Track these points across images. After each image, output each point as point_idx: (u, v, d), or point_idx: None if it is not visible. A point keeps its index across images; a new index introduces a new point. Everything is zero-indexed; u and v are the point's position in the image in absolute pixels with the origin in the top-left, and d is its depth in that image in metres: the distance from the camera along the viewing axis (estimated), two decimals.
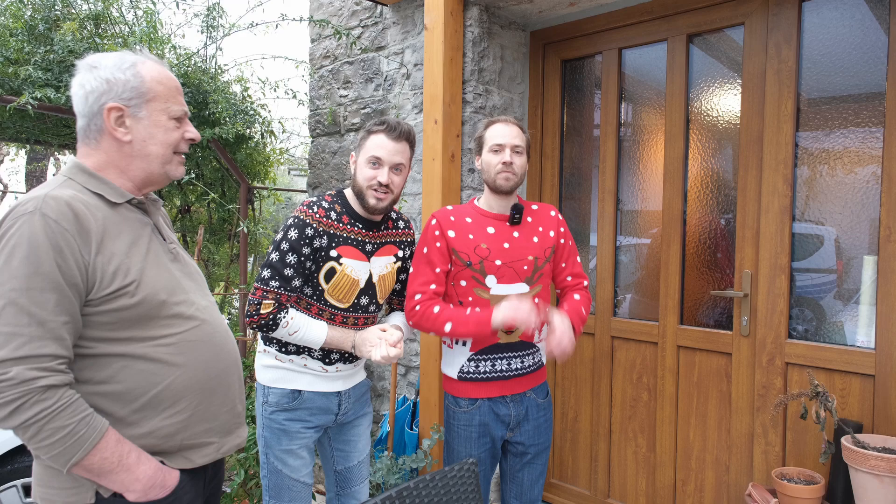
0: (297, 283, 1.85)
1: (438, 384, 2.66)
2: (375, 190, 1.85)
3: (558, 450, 3.03)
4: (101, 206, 1.26)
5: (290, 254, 1.82)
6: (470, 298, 2.00)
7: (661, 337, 2.66)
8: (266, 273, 1.84)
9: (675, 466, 2.65)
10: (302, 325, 1.85)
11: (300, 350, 1.91)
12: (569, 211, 3.02)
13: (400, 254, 2.03)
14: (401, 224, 2.06)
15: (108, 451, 1.19)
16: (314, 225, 1.83)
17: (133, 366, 1.24)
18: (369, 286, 1.94)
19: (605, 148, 2.83)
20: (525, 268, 2.01)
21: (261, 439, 1.96)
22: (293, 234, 1.83)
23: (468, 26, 2.78)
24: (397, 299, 2.13)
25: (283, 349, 1.92)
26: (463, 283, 2.00)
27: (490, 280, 1.98)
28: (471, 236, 2.01)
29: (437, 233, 2.01)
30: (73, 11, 3.09)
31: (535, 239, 2.05)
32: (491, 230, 2.02)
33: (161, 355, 1.27)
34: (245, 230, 3.38)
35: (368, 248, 1.93)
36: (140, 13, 3.26)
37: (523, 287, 2.01)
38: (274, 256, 1.84)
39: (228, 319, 4.41)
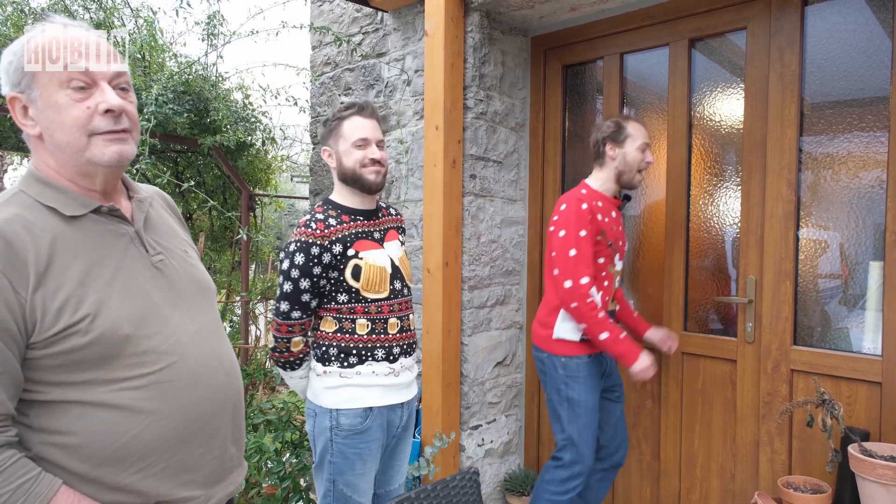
0: (314, 303, 1.85)
1: (441, 391, 2.64)
2: (371, 166, 1.88)
3: None
4: (52, 224, 1.05)
5: (302, 279, 1.79)
6: (603, 273, 2.31)
7: None
8: (284, 306, 1.81)
9: (679, 474, 2.62)
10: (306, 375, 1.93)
11: (363, 358, 1.85)
12: None
13: (401, 238, 2.05)
14: (392, 211, 2.08)
15: None
16: (318, 242, 1.79)
17: (92, 414, 1.04)
18: (396, 270, 1.94)
19: None
20: (626, 249, 2.44)
21: (328, 466, 1.85)
22: (299, 258, 1.79)
23: (469, 32, 2.77)
24: None
25: (345, 363, 1.85)
26: (601, 260, 2.28)
27: (616, 258, 2.35)
28: (606, 219, 2.30)
29: (591, 217, 2.23)
30: (75, 21, 3.10)
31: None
32: (613, 214, 2.35)
33: (126, 401, 1.06)
34: (245, 237, 3.37)
35: (377, 235, 1.94)
36: (141, 22, 3.27)
37: (622, 264, 2.43)
38: (287, 287, 1.80)
39: (230, 328, 4.39)
